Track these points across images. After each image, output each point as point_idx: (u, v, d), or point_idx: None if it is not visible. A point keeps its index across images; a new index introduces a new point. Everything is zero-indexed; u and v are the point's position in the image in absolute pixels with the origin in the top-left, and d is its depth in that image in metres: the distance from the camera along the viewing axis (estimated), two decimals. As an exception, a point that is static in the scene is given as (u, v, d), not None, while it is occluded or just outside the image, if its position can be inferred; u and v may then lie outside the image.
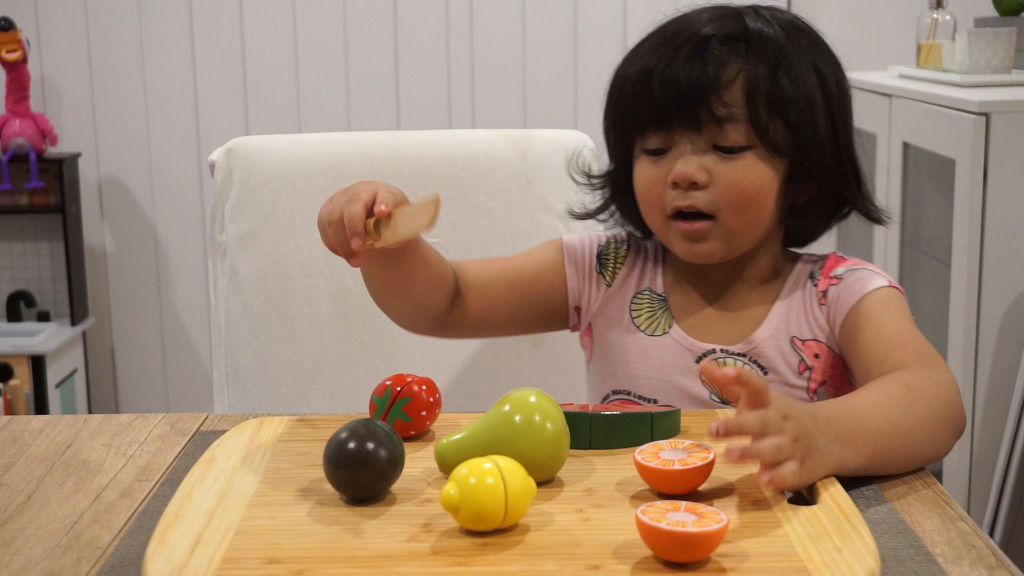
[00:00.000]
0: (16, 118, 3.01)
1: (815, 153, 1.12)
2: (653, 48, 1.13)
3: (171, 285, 3.22)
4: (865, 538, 0.78)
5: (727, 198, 1.10)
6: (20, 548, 0.82)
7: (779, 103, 1.10)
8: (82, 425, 1.07)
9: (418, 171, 1.48)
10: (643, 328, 1.18)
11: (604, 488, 0.87)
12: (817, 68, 1.14)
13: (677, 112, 1.10)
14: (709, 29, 1.11)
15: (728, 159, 1.10)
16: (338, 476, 0.85)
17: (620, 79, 1.16)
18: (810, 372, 1.14)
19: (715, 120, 1.09)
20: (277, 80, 3.12)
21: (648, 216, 1.16)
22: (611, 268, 1.22)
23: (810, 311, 1.15)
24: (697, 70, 1.09)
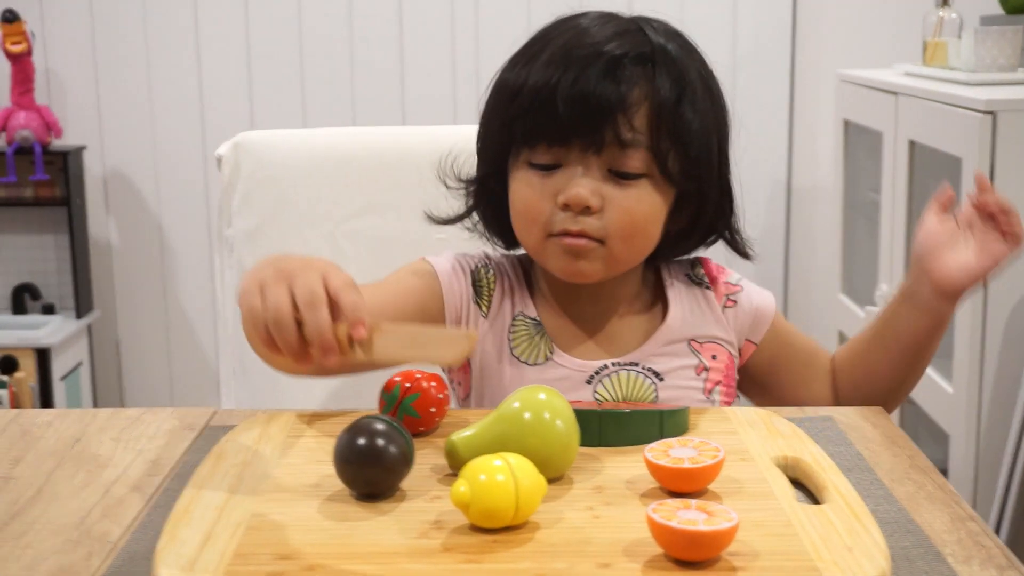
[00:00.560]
0: (21, 110, 3.01)
1: (705, 184, 1.11)
2: (555, 61, 1.07)
3: (176, 278, 3.22)
4: (875, 537, 0.78)
5: (618, 226, 1.07)
6: (30, 542, 0.82)
7: (681, 133, 1.08)
8: (91, 419, 1.07)
9: (425, 166, 1.48)
10: (523, 358, 1.13)
11: (614, 485, 0.87)
12: (710, 93, 1.12)
13: (580, 130, 1.05)
14: (617, 47, 1.06)
15: (623, 185, 1.07)
16: (348, 472, 0.85)
17: (512, 87, 1.09)
18: (707, 373, 1.15)
19: (618, 143, 1.06)
20: (282, 74, 3.12)
21: (524, 232, 1.11)
22: (486, 296, 1.15)
23: (710, 313, 1.17)
24: (608, 90, 1.04)
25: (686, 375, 1.14)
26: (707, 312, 1.17)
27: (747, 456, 0.93)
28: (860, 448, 0.99)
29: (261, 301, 0.84)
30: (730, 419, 1.02)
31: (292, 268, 0.85)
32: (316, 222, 1.46)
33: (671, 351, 1.15)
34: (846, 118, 2.62)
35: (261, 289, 0.85)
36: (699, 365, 1.15)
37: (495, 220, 1.17)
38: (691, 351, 1.15)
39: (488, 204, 1.17)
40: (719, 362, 1.16)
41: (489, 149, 1.14)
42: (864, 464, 0.95)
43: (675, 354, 1.15)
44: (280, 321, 0.83)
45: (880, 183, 2.38)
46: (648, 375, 1.13)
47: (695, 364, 1.15)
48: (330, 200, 1.46)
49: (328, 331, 0.83)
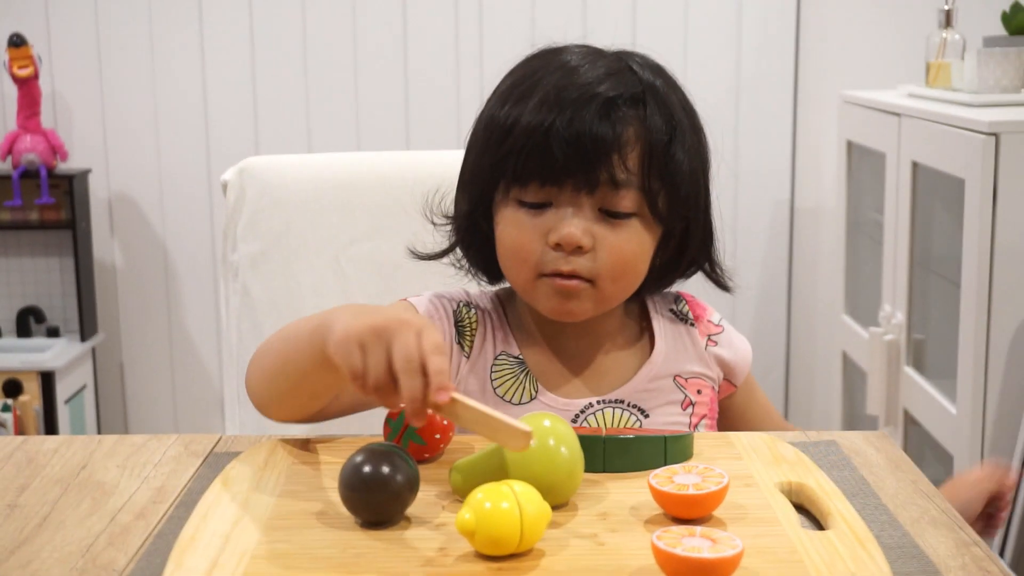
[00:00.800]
0: (27, 134, 3.02)
1: (692, 221, 1.12)
2: (548, 101, 1.06)
3: (180, 302, 3.22)
4: (880, 563, 0.78)
5: (609, 266, 1.07)
6: (36, 571, 0.82)
7: (672, 173, 1.08)
8: (96, 446, 1.07)
9: (430, 191, 1.48)
10: (507, 398, 1.12)
11: (618, 512, 0.88)
12: (695, 130, 1.12)
13: (575, 171, 1.05)
14: (610, 88, 1.06)
15: (613, 224, 1.07)
16: (354, 500, 0.85)
17: (503, 126, 1.08)
18: (693, 408, 1.16)
19: (612, 183, 1.05)
20: (287, 99, 3.13)
21: (514, 271, 1.11)
22: (468, 336, 1.14)
23: (694, 349, 1.18)
24: (604, 131, 1.04)
25: (672, 411, 1.15)
26: (691, 348, 1.18)
27: (751, 482, 0.93)
28: (864, 472, 0.99)
29: (361, 361, 0.87)
30: (734, 444, 1.02)
31: (390, 327, 0.87)
32: (321, 247, 1.46)
33: (656, 387, 1.15)
34: (849, 139, 2.62)
35: (361, 347, 0.88)
36: (685, 400, 1.15)
37: (479, 255, 1.17)
38: (676, 386, 1.16)
39: (473, 239, 1.16)
40: (704, 396, 1.17)
41: (476, 185, 1.13)
42: (868, 489, 0.96)
43: (660, 390, 1.15)
44: (380, 386, 0.87)
45: (883, 204, 2.39)
46: (633, 412, 1.14)
47: (681, 399, 1.15)
48: (335, 225, 1.47)
49: (421, 399, 0.85)
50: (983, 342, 1.95)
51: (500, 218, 1.11)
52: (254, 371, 1.07)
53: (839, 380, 2.72)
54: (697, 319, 1.20)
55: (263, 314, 1.46)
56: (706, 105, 1.18)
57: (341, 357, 0.89)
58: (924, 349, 2.30)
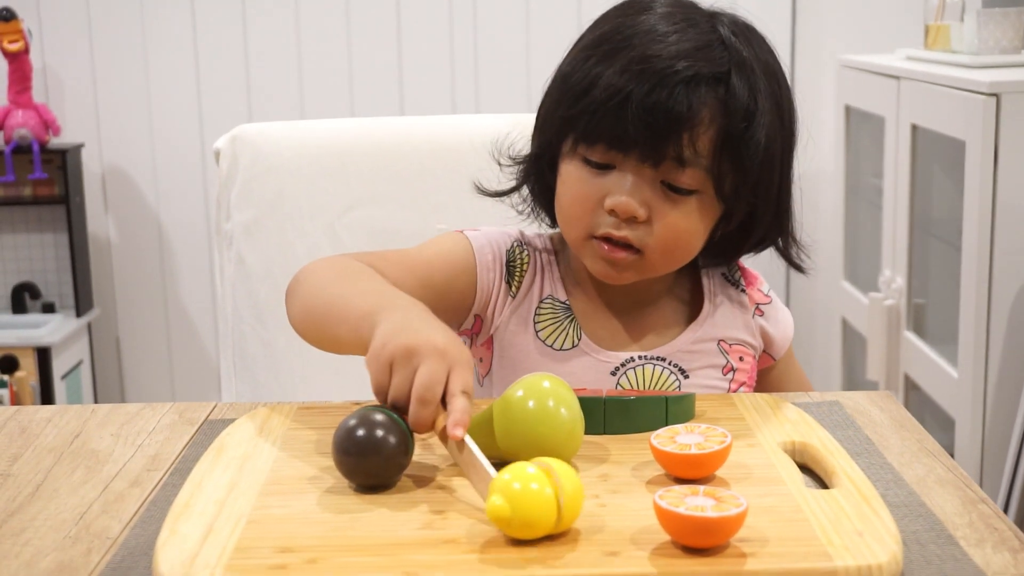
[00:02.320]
0: (19, 109, 3.00)
1: (760, 205, 1.10)
2: (630, 69, 1.03)
3: (176, 275, 3.21)
4: (886, 521, 0.77)
5: (661, 240, 1.06)
6: (30, 539, 0.81)
7: (744, 159, 1.05)
8: (90, 415, 1.06)
9: (425, 157, 1.47)
10: (549, 342, 1.12)
11: (620, 473, 0.86)
12: (780, 110, 1.09)
13: (643, 142, 1.03)
14: (694, 65, 1.03)
15: (674, 200, 1.05)
16: (348, 464, 0.84)
17: (581, 84, 1.06)
18: (733, 374, 1.15)
19: (678, 161, 1.03)
20: (280, 67, 3.11)
21: (567, 225, 1.10)
22: (517, 276, 1.14)
23: (742, 317, 1.16)
24: (680, 108, 1.02)
25: (712, 374, 1.13)
26: (738, 315, 1.16)
27: (754, 442, 0.92)
28: (868, 432, 0.98)
29: (387, 379, 0.88)
30: (736, 405, 1.01)
31: (422, 351, 0.87)
32: (315, 214, 1.45)
33: (700, 349, 1.13)
34: (848, 103, 2.60)
35: (390, 366, 0.88)
36: (726, 365, 1.14)
37: (541, 199, 1.17)
38: (720, 351, 1.14)
39: (536, 183, 1.16)
40: (745, 364, 1.16)
41: (546, 133, 1.12)
42: (873, 448, 0.94)
43: (703, 352, 1.13)
44: (397, 406, 0.88)
45: (883, 168, 2.37)
46: (674, 371, 1.12)
47: (723, 364, 1.14)
48: (329, 192, 1.45)
49: (426, 427, 0.87)
50: (984, 305, 1.94)
51: (563, 170, 1.10)
52: (296, 307, 1.05)
53: (839, 346, 2.71)
54: (748, 286, 1.19)
55: (258, 282, 1.44)
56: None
57: (370, 368, 0.90)
58: (924, 313, 2.29)
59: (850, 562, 0.72)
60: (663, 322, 1.15)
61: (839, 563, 0.72)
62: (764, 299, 1.19)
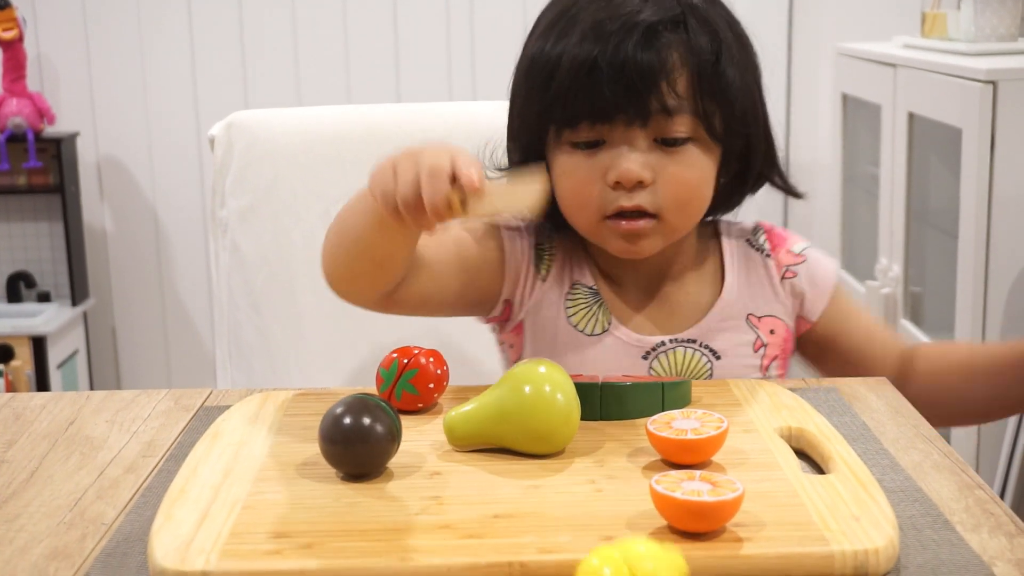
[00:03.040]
0: (13, 97, 2.99)
1: (752, 136, 1.09)
2: (589, 36, 1.03)
3: (171, 264, 3.20)
4: (883, 506, 0.77)
5: (672, 196, 1.05)
6: (24, 525, 0.81)
7: (724, 92, 1.05)
8: (85, 402, 1.06)
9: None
10: (580, 327, 1.12)
11: (616, 459, 0.86)
12: (740, 41, 1.09)
13: (624, 104, 1.02)
14: (651, 14, 1.03)
15: (671, 153, 1.04)
16: (334, 452, 0.83)
17: (545, 68, 1.05)
18: (765, 349, 1.13)
19: (664, 112, 1.02)
20: (276, 54, 3.10)
21: (576, 215, 1.08)
22: (546, 261, 1.14)
23: (769, 285, 1.14)
24: (649, 59, 1.01)
25: (744, 352, 1.12)
26: (765, 284, 1.14)
27: (751, 427, 0.92)
28: (865, 418, 0.98)
29: (393, 181, 0.88)
30: (732, 391, 1.00)
31: (424, 148, 0.88)
32: (311, 200, 1.44)
33: (729, 327, 1.12)
34: (844, 91, 2.60)
35: (393, 169, 0.89)
36: (757, 341, 1.12)
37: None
38: (749, 326, 1.12)
39: None
40: (777, 336, 1.14)
41: (526, 134, 1.10)
42: (869, 434, 0.94)
43: (733, 330, 1.12)
44: (408, 202, 0.87)
45: (879, 156, 2.37)
46: (705, 353, 1.11)
47: (753, 340, 1.12)
48: (325, 178, 1.45)
49: (440, 202, 0.85)
50: (980, 294, 1.94)
51: (555, 164, 1.08)
52: (324, 251, 1.06)
53: (835, 335, 2.70)
54: (774, 249, 1.16)
55: (253, 270, 1.44)
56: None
57: (375, 183, 0.90)
58: (921, 302, 2.29)
59: (846, 547, 0.71)
60: (689, 301, 1.13)
61: (835, 548, 0.71)
62: (795, 259, 1.16)
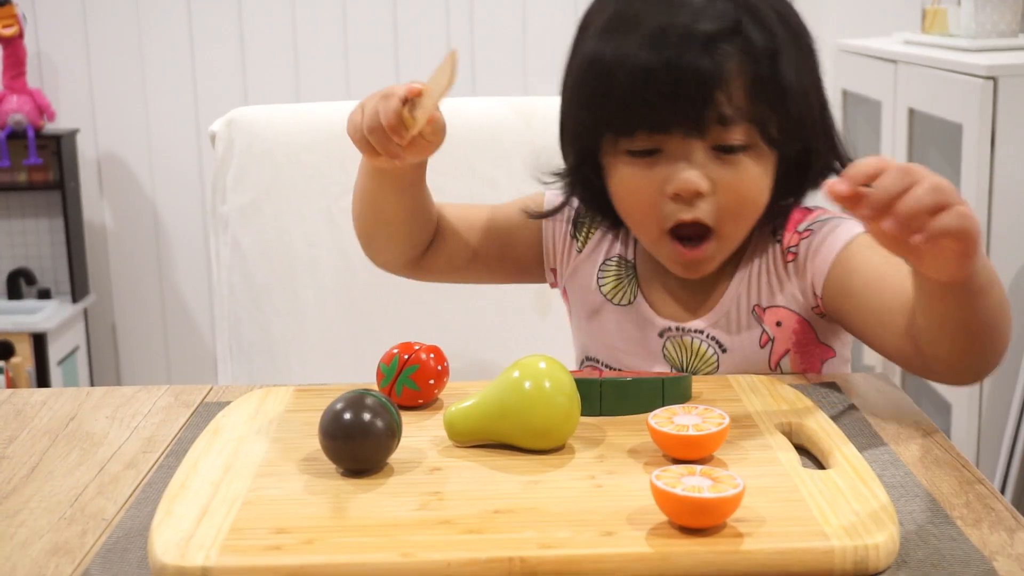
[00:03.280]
0: (13, 94, 2.99)
1: (810, 137, 1.07)
2: (646, 45, 1.01)
3: (172, 260, 3.20)
4: (883, 501, 0.77)
5: (731, 205, 1.04)
6: (24, 520, 0.81)
7: (780, 97, 1.03)
8: (85, 398, 1.06)
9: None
10: (609, 296, 1.15)
11: (616, 454, 0.86)
12: (796, 36, 1.07)
13: (680, 115, 1.01)
14: (709, 22, 1.01)
15: (727, 161, 1.03)
16: (335, 448, 0.83)
17: (601, 75, 1.03)
18: (772, 344, 1.11)
19: (721, 122, 1.01)
20: (275, 51, 3.10)
21: (637, 227, 1.09)
22: (584, 232, 1.17)
23: (772, 273, 1.11)
24: (707, 70, 1.00)
25: (750, 347, 1.11)
26: (772, 273, 1.12)
27: (751, 423, 0.92)
28: (865, 413, 0.98)
29: (360, 116, 1.00)
30: (733, 386, 1.00)
31: (377, 92, 1.00)
32: (311, 197, 1.44)
33: (735, 319, 1.11)
34: (845, 88, 2.60)
35: (361, 109, 1.00)
36: (763, 335, 1.11)
37: (595, 203, 1.14)
38: (755, 320, 1.11)
39: (586, 193, 1.13)
40: (785, 329, 1.11)
41: (581, 140, 1.10)
42: (869, 429, 0.94)
43: (739, 323, 1.11)
44: (371, 123, 0.98)
45: (880, 152, 2.37)
46: (712, 344, 1.11)
47: (759, 335, 1.11)
48: (325, 175, 1.45)
49: (392, 113, 0.97)
50: (981, 289, 1.94)
51: (612, 172, 1.08)
52: (353, 220, 1.17)
53: (835, 331, 2.70)
54: (787, 231, 1.12)
55: (254, 266, 1.44)
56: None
57: (348, 126, 1.01)
58: (921, 298, 2.29)
59: (847, 542, 0.71)
60: (707, 287, 1.12)
61: (836, 543, 0.71)
62: (797, 238, 1.11)
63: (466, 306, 1.46)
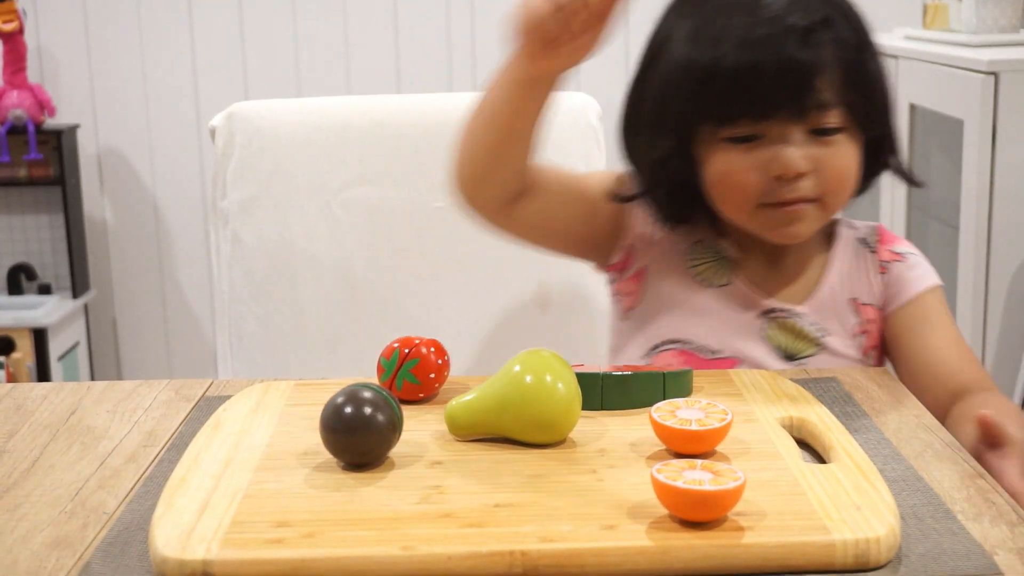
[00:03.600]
0: (13, 89, 2.98)
1: (888, 122, 1.15)
2: (747, 41, 1.07)
3: (172, 256, 3.20)
4: (884, 495, 0.77)
5: (832, 183, 1.11)
6: (25, 514, 0.81)
7: (867, 83, 1.12)
8: (86, 392, 1.06)
9: (422, 135, 1.46)
10: (704, 278, 1.17)
11: (617, 448, 0.86)
12: (871, 39, 1.14)
13: (785, 102, 1.08)
14: (800, 16, 1.08)
15: (825, 143, 1.10)
16: (336, 442, 0.83)
17: (701, 70, 1.09)
18: (864, 337, 1.16)
19: (821, 107, 1.08)
20: (276, 45, 3.09)
21: (732, 205, 1.13)
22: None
23: (868, 276, 1.18)
24: (807, 58, 1.07)
25: (846, 333, 1.16)
26: (867, 276, 1.18)
27: (752, 417, 0.92)
28: (866, 408, 0.98)
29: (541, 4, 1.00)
30: (734, 381, 1.00)
31: None
32: (312, 192, 1.44)
33: (835, 306, 1.16)
34: (845, 83, 2.59)
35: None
36: (858, 325, 1.16)
37: (671, 199, 1.18)
38: (852, 310, 1.17)
39: (672, 183, 1.16)
40: (874, 326, 1.17)
41: (673, 131, 1.13)
42: (870, 423, 0.94)
43: (838, 310, 1.16)
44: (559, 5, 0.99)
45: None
46: (811, 328, 1.15)
47: (855, 324, 1.16)
48: (325, 169, 1.45)
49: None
50: (982, 285, 1.94)
51: (710, 159, 1.12)
52: (456, 156, 1.14)
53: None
54: (880, 244, 1.20)
55: (254, 260, 1.44)
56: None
57: (524, 15, 1.02)
58: (922, 294, 2.29)
59: (848, 536, 0.71)
60: (803, 274, 1.18)
61: (837, 537, 0.71)
62: (893, 257, 1.19)
63: (467, 300, 1.46)
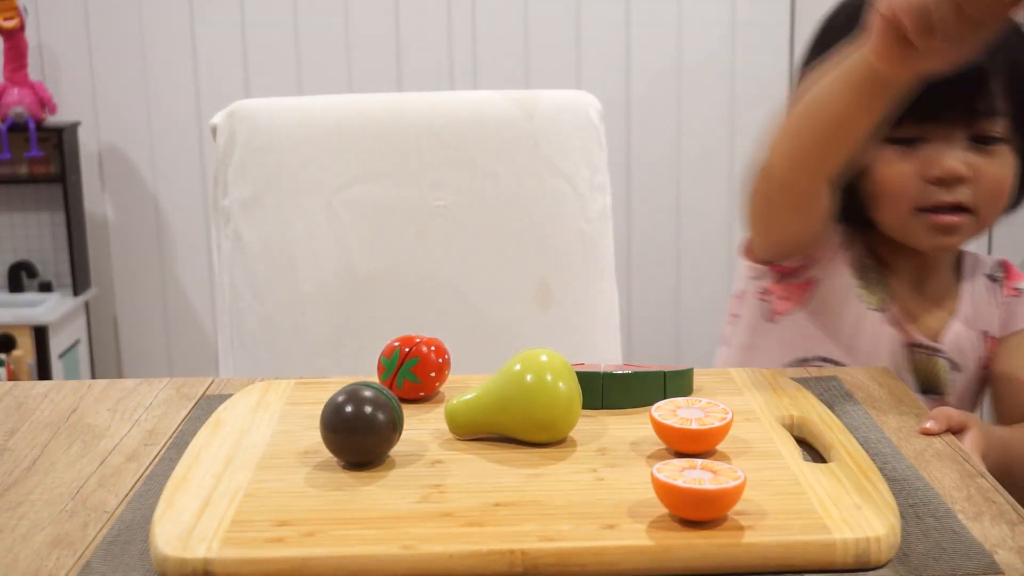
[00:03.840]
0: (14, 87, 2.98)
1: None
2: None
3: (173, 253, 3.20)
4: (884, 494, 0.77)
5: (988, 193, 1.10)
6: (26, 512, 0.81)
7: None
8: (86, 390, 1.06)
9: (423, 133, 1.46)
10: (864, 298, 1.16)
11: (618, 447, 0.86)
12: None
13: (953, 104, 1.06)
14: None
15: (986, 152, 1.09)
16: (336, 441, 0.83)
17: None
18: (988, 369, 1.17)
19: (988, 113, 1.07)
20: (277, 43, 3.09)
21: (889, 208, 1.12)
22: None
23: (993, 308, 1.18)
24: (978, 62, 1.04)
25: (975, 367, 1.17)
26: (993, 307, 1.18)
27: (752, 416, 0.92)
28: (867, 407, 0.98)
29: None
30: (735, 380, 1.00)
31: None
32: (312, 190, 1.44)
33: (969, 341, 1.16)
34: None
35: None
36: (985, 358, 1.17)
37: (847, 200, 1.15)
38: (983, 343, 1.17)
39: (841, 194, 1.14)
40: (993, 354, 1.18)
41: None
42: (871, 423, 0.94)
43: (971, 344, 1.17)
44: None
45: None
46: (948, 364, 1.16)
47: (981, 357, 1.17)
48: (326, 168, 1.45)
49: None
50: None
51: (872, 163, 1.11)
52: (779, 142, 1.08)
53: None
54: (1006, 280, 1.20)
55: (255, 259, 1.44)
56: (700, 49, 1.15)
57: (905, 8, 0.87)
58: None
59: (848, 535, 0.71)
60: (939, 306, 1.17)
61: (837, 536, 0.71)
62: (1014, 292, 1.19)
63: (467, 299, 1.46)
